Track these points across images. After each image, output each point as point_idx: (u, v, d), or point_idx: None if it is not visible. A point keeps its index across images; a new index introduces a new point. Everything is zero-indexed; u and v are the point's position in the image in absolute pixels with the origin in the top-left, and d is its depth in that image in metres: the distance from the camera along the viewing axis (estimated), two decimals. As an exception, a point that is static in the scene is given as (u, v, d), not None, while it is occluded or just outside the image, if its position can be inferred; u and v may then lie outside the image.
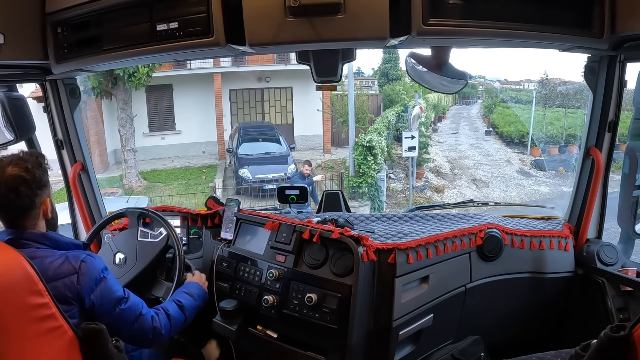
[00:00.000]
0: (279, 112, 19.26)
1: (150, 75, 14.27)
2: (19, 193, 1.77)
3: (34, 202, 1.82)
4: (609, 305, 2.51)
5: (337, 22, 1.83)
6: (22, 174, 1.78)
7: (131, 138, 14.85)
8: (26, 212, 1.81)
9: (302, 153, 17.86)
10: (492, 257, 2.56)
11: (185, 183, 15.53)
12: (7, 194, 1.76)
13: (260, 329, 2.47)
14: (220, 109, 18.06)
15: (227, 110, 18.55)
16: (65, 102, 2.68)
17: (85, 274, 1.81)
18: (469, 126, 23.51)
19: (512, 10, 1.88)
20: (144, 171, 16.24)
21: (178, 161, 17.68)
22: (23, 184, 1.78)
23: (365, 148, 13.43)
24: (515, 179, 15.76)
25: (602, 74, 2.42)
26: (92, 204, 2.95)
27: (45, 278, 1.64)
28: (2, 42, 1.99)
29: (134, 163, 15.07)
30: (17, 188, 1.77)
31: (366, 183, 13.46)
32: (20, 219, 1.82)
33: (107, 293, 1.87)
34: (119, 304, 1.91)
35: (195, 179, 15.93)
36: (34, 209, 1.82)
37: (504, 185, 15.12)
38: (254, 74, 18.49)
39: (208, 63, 17.14)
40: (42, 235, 1.85)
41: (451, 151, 19.00)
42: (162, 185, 15.47)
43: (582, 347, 1.51)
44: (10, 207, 1.79)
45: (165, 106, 18.20)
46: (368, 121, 16.51)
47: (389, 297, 2.29)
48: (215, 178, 15.74)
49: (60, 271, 1.78)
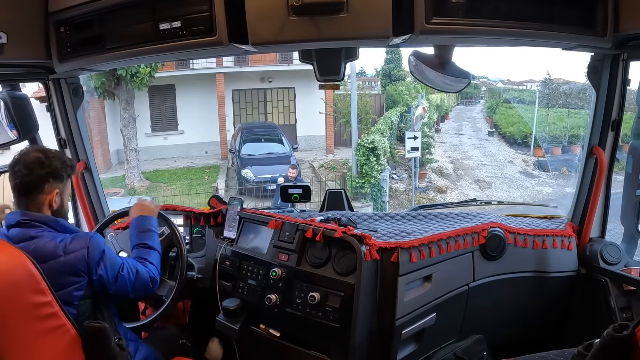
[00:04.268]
0: (281, 113, 19.31)
1: (153, 76, 14.31)
2: (32, 171, 1.88)
3: (43, 186, 1.91)
4: (612, 305, 2.52)
5: (340, 20, 1.83)
6: (41, 157, 1.91)
7: (134, 138, 14.93)
8: (33, 192, 1.90)
9: (304, 153, 17.95)
10: (495, 256, 2.57)
11: (187, 183, 15.56)
12: (21, 169, 1.88)
13: (263, 327, 2.48)
14: (223, 109, 18.10)
15: (229, 110, 18.61)
16: (69, 101, 2.69)
17: (94, 248, 1.92)
18: (472, 127, 23.53)
19: (515, 9, 1.89)
20: (147, 171, 16.29)
21: (180, 161, 17.73)
22: (38, 165, 1.90)
23: (368, 149, 13.39)
24: (518, 179, 15.74)
25: (605, 72, 2.42)
26: (95, 202, 2.97)
27: (58, 255, 1.80)
28: (5, 42, 2.00)
29: (137, 163, 15.15)
30: (31, 166, 1.88)
31: (369, 184, 13.41)
32: (27, 198, 1.91)
33: (111, 263, 2.00)
34: (121, 270, 2.04)
35: (197, 179, 15.97)
36: (41, 193, 1.92)
37: (507, 186, 15.09)
38: (257, 74, 18.55)
39: (211, 63, 17.21)
40: (54, 220, 1.94)
41: (454, 152, 19.01)
42: (164, 185, 15.52)
43: (585, 347, 1.53)
44: (21, 183, 1.89)
45: (168, 106, 18.30)
46: (371, 122, 16.48)
47: (391, 296, 2.30)
48: (217, 178, 15.79)
49: (72, 247, 1.88)
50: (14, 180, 1.90)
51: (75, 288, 1.87)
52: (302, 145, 18.22)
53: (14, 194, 1.92)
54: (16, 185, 1.90)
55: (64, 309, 1.72)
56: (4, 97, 2.39)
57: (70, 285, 1.86)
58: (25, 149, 1.95)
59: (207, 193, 13.39)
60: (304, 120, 18.91)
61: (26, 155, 1.91)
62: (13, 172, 1.89)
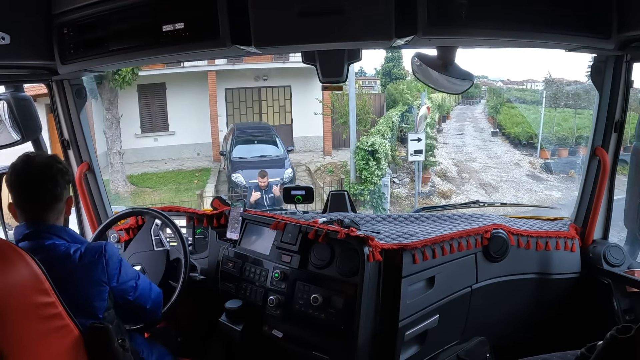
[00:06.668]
0: (277, 112, 19.08)
1: (136, 73, 14.05)
2: (56, 182, 1.93)
3: (63, 195, 1.96)
4: (615, 307, 2.58)
5: (343, 22, 1.91)
6: (58, 165, 1.95)
7: (117, 140, 14.61)
8: (56, 203, 1.94)
9: (301, 155, 17.72)
10: (498, 257, 2.64)
11: (175, 188, 15.31)
12: (44, 180, 1.91)
13: (266, 329, 2.55)
14: (215, 108, 17.91)
15: (222, 110, 18.37)
16: (72, 103, 2.75)
17: (111, 257, 1.97)
18: (474, 127, 23.43)
19: (519, 11, 1.95)
20: (135, 174, 16.04)
21: (171, 164, 17.49)
22: (59, 173, 1.94)
23: (368, 152, 13.08)
24: (525, 183, 15.43)
25: (608, 74, 2.49)
26: (98, 203, 3.03)
27: (75, 265, 1.84)
28: (9, 43, 2.06)
29: (121, 167, 14.80)
30: (55, 176, 1.92)
31: (368, 190, 13.10)
32: (47, 209, 1.93)
33: (128, 272, 2.06)
34: (138, 278, 2.12)
35: (186, 184, 15.73)
36: (61, 202, 1.96)
37: (514, 190, 14.76)
38: (251, 71, 18.24)
39: (202, 60, 16.96)
40: (63, 230, 1.97)
41: (457, 153, 18.81)
42: (150, 190, 15.25)
43: (587, 349, 1.58)
44: (44, 195, 1.92)
45: (158, 106, 18.02)
46: (370, 122, 16.19)
47: (394, 297, 2.37)
48: (207, 182, 15.59)
49: (88, 256, 1.91)
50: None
51: (98, 298, 1.92)
52: (298, 147, 17.98)
53: (28, 206, 1.95)
54: (35, 197, 1.92)
55: (67, 309, 1.74)
56: (7, 98, 2.45)
57: (93, 296, 1.91)
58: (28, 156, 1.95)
59: (192, 201, 13.05)
60: (301, 121, 18.63)
61: (38, 164, 1.92)
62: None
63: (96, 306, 1.92)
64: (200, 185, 15.37)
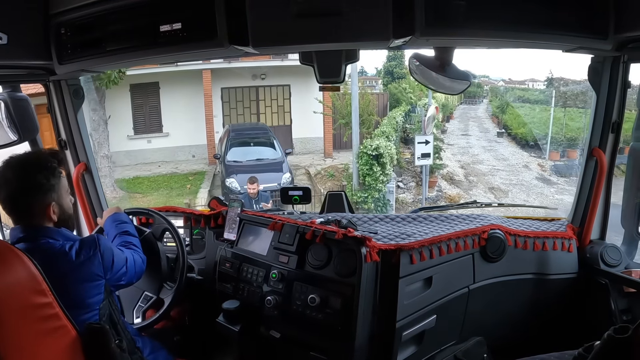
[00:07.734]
0: (275, 113, 18.78)
1: (124, 72, 13.74)
2: (38, 189, 1.99)
3: (50, 198, 2.03)
4: (612, 307, 2.64)
5: (341, 22, 1.97)
6: (38, 174, 2.01)
7: (105, 143, 14.38)
8: (43, 209, 2.01)
9: (300, 157, 17.53)
10: (496, 258, 2.70)
11: (167, 193, 15.06)
12: (25, 194, 1.98)
13: (263, 329, 2.62)
14: (211, 109, 17.69)
15: (218, 110, 18.10)
16: (69, 103, 2.83)
17: (105, 250, 2.06)
18: (479, 127, 23.35)
19: (516, 11, 2.01)
20: (126, 178, 15.80)
21: (165, 166, 17.25)
22: (38, 182, 2.00)
23: (371, 157, 12.72)
24: (535, 186, 15.21)
25: (605, 74, 2.57)
26: (95, 204, 3.10)
27: (72, 262, 1.90)
28: (6, 43, 2.13)
29: (109, 171, 14.47)
30: (34, 187, 1.98)
31: (372, 198, 12.77)
32: (36, 217, 2.01)
33: (118, 260, 2.14)
34: (126, 262, 2.21)
35: (178, 189, 15.43)
36: (49, 205, 2.03)
37: (525, 195, 14.37)
38: (248, 70, 17.85)
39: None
40: (57, 232, 2.04)
41: (463, 155, 18.66)
42: (140, 196, 14.98)
43: (585, 349, 1.63)
44: (29, 206, 1.99)
45: (152, 106, 17.74)
46: (374, 124, 15.96)
47: (392, 298, 2.43)
48: (200, 187, 15.30)
49: (83, 252, 1.99)
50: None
51: (95, 293, 2.00)
52: (297, 148, 17.85)
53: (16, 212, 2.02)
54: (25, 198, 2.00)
55: (64, 309, 1.81)
56: (4, 98, 2.53)
57: (89, 291, 1.99)
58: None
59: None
60: (300, 121, 18.35)
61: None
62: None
63: (93, 301, 2.00)
64: (193, 190, 15.13)
